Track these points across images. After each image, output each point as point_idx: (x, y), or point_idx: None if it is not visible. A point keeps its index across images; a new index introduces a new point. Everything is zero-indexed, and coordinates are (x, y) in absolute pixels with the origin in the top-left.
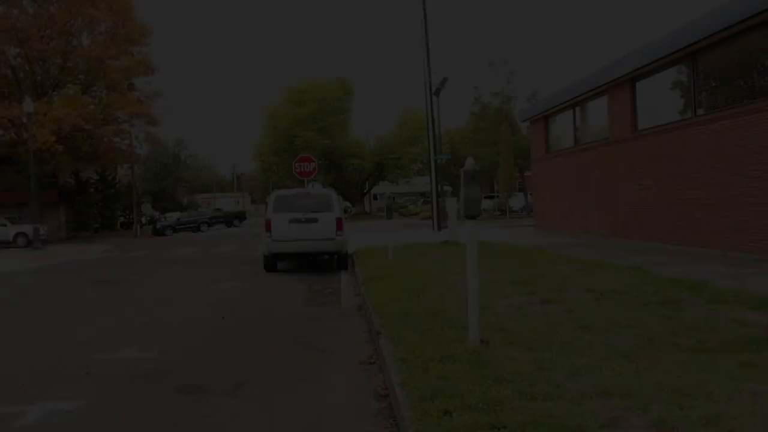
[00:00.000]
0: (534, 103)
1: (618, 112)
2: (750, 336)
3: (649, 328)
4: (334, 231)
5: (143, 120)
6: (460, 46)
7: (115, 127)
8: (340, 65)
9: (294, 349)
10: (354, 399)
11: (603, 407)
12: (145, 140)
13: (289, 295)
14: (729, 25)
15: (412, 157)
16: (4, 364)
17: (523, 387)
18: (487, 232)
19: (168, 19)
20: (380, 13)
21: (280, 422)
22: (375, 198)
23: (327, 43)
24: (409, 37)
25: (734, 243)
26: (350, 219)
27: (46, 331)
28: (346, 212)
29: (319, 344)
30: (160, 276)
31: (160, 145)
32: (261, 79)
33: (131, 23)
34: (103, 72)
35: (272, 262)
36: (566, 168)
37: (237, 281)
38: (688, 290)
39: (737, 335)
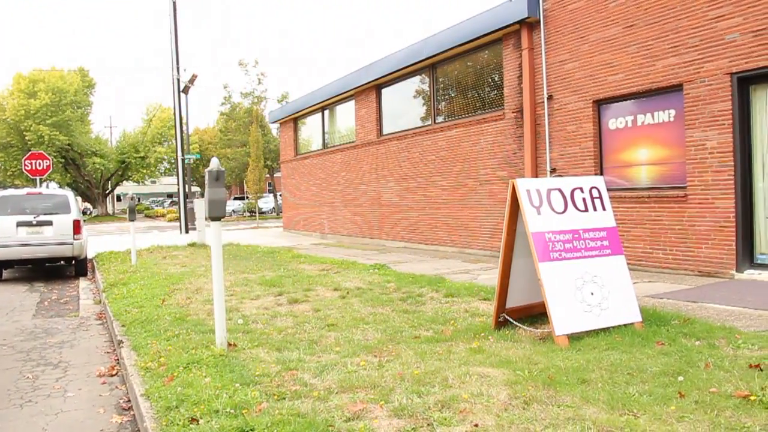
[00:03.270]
0: (284, 105)
1: (365, 117)
2: (480, 324)
3: (392, 322)
4: (70, 234)
5: None
6: (213, 44)
7: None
8: (83, 57)
9: (24, 366)
10: (94, 414)
11: (349, 401)
12: None
13: (18, 307)
14: (462, 41)
15: (159, 156)
16: None
17: (271, 388)
18: (236, 233)
19: None
20: (129, 5)
21: None
22: (119, 199)
23: (68, 33)
24: (160, 32)
25: (468, 241)
26: (90, 221)
27: None
28: (86, 214)
29: (54, 358)
30: None
31: None
32: None
33: None
34: None
35: None
36: (315, 169)
37: None
38: (427, 286)
39: (469, 325)
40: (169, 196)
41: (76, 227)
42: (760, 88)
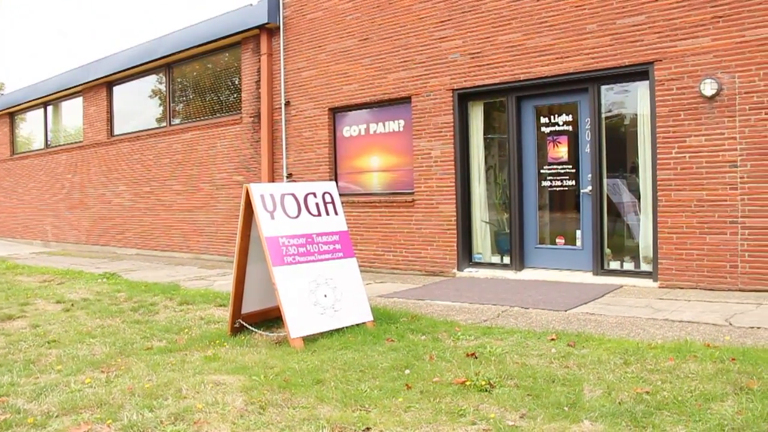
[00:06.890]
0: None
1: (93, 115)
2: (216, 332)
3: (122, 334)
4: None
5: None
6: None
7: None
8: None
9: None
10: None
11: (71, 424)
12: None
13: None
14: (200, 42)
15: None
16: None
17: None
18: None
19: None
20: None
21: None
22: None
23: None
24: None
25: (204, 246)
26: None
27: None
28: None
29: None
30: None
31: None
32: None
33: None
34: None
35: None
36: (36, 171)
37: None
38: (161, 294)
39: (204, 332)
40: None
41: None
42: (476, 105)
